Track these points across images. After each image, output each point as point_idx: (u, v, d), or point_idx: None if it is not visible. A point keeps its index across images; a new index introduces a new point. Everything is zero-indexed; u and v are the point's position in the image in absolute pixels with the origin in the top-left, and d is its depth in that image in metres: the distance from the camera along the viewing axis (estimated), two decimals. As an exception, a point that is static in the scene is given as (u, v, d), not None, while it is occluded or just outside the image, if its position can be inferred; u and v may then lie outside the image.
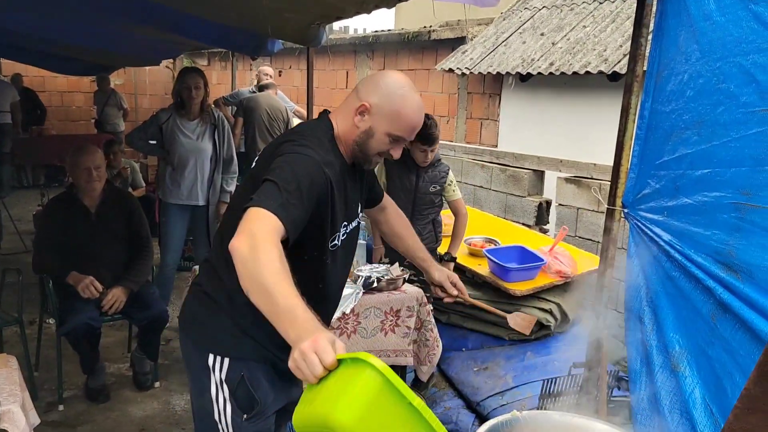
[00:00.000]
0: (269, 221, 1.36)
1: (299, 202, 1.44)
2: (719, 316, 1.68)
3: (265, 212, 1.36)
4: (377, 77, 1.67)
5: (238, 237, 1.33)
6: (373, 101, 1.61)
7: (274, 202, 1.39)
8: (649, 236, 2.06)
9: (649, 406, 1.94)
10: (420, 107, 1.66)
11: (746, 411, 0.87)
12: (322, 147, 1.60)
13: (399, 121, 1.62)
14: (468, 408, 3.50)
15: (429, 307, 3.08)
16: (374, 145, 1.65)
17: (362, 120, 1.63)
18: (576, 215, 4.59)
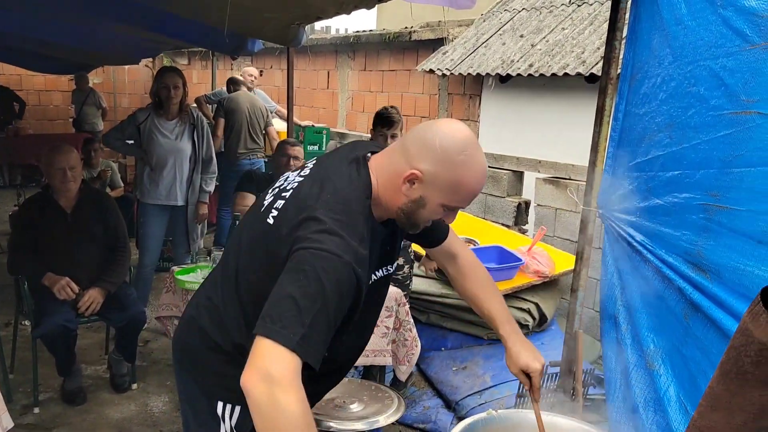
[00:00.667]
0: (289, 362, 1.17)
1: (325, 327, 1.24)
2: (691, 315, 1.71)
3: (283, 351, 1.17)
4: (431, 135, 1.33)
5: (251, 374, 1.17)
6: (425, 169, 1.32)
7: (294, 334, 1.18)
8: (623, 237, 2.10)
9: (624, 403, 1.97)
10: (483, 171, 1.36)
11: (710, 408, 0.89)
12: (356, 230, 1.31)
13: (458, 192, 1.34)
14: (447, 407, 3.53)
15: (407, 307, 3.09)
16: (425, 215, 1.39)
17: (411, 189, 1.35)
18: (554, 215, 4.63)
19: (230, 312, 1.46)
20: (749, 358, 0.81)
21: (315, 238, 1.26)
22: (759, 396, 0.81)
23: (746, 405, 0.83)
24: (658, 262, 1.86)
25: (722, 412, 0.86)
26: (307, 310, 1.20)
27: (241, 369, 1.23)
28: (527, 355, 1.62)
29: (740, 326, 0.84)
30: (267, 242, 1.38)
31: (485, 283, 1.75)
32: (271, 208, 1.42)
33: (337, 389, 2.76)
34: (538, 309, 3.85)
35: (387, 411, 2.60)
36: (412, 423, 3.40)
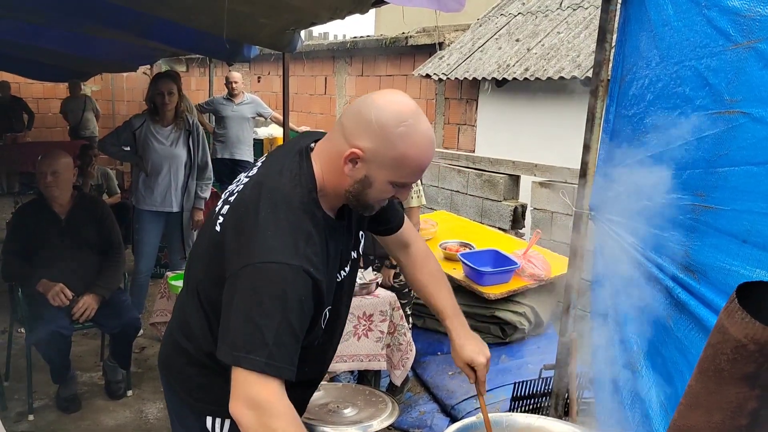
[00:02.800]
0: (266, 385, 1.16)
1: (291, 339, 1.20)
2: (675, 316, 1.70)
3: (255, 376, 1.16)
4: (366, 110, 1.26)
5: (236, 404, 1.18)
6: (365, 146, 1.24)
7: (260, 356, 1.16)
8: (614, 238, 2.09)
9: (612, 405, 1.97)
10: (429, 140, 1.27)
11: (689, 407, 0.88)
12: (301, 229, 1.25)
13: (404, 167, 1.26)
14: (443, 412, 3.51)
15: (402, 312, 3.09)
16: (373, 195, 1.32)
17: (354, 169, 1.27)
18: (550, 219, 4.63)
19: (196, 322, 1.42)
20: (725, 356, 0.81)
21: (258, 249, 1.21)
22: (735, 394, 0.81)
23: (724, 403, 0.82)
24: (647, 262, 1.86)
25: (701, 411, 0.86)
26: (268, 328, 1.17)
27: (221, 378, 1.23)
28: (472, 349, 1.60)
29: (717, 324, 0.84)
30: (216, 251, 1.32)
31: (435, 274, 1.71)
32: (219, 214, 1.37)
33: (331, 394, 2.75)
34: (533, 312, 3.85)
35: (381, 415, 2.59)
36: (408, 428, 3.39)
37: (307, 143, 1.39)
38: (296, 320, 1.21)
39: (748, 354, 0.78)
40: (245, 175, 1.44)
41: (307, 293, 1.23)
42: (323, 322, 1.38)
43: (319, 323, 1.36)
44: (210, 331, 1.39)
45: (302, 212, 1.27)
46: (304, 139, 1.42)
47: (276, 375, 1.17)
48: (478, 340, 1.64)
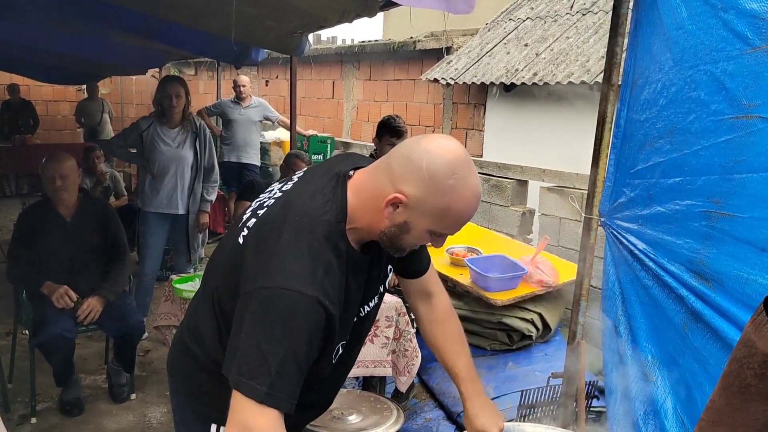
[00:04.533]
0: (264, 415, 1.13)
1: (295, 370, 1.16)
2: (691, 325, 1.66)
3: (254, 405, 1.13)
4: (418, 155, 1.19)
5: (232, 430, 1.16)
6: (411, 193, 1.19)
7: (261, 384, 1.13)
8: (625, 245, 2.05)
9: (625, 416, 1.92)
10: (476, 195, 1.23)
11: (711, 423, 0.85)
12: (321, 258, 1.20)
13: (447, 218, 1.22)
14: (448, 419, 3.47)
15: (408, 317, 3.05)
16: (409, 240, 1.27)
17: (395, 213, 1.22)
18: (558, 225, 4.59)
19: (208, 328, 1.39)
20: (752, 371, 0.77)
21: (275, 273, 1.17)
22: (763, 411, 0.77)
23: (749, 420, 0.79)
24: (660, 271, 1.82)
25: (724, 428, 0.82)
26: (273, 356, 1.14)
27: (228, 387, 1.19)
28: (486, 420, 1.52)
29: (742, 337, 0.80)
30: (235, 263, 1.28)
31: (456, 334, 1.63)
32: (245, 226, 1.33)
33: (336, 400, 2.71)
34: (541, 319, 3.80)
35: (386, 423, 2.56)
36: (414, 435, 3.35)
37: (346, 169, 1.32)
38: (303, 352, 1.17)
39: (776, 369, 0.74)
40: (279, 187, 1.40)
41: (318, 326, 1.19)
42: (335, 357, 1.33)
43: (329, 358, 1.32)
44: (220, 339, 1.36)
45: (326, 241, 1.22)
46: (345, 162, 1.37)
47: (274, 406, 1.14)
48: (494, 409, 1.57)
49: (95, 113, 9.44)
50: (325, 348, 1.26)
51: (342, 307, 1.25)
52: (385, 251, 1.36)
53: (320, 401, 1.54)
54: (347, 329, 1.34)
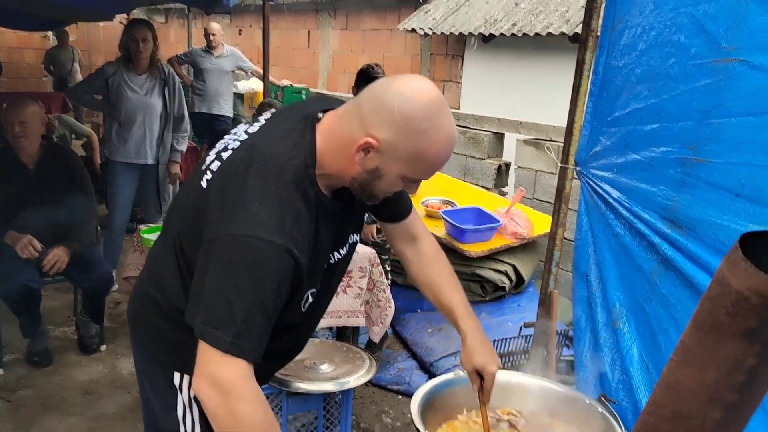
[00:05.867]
0: (232, 365, 1.10)
1: (262, 320, 1.13)
2: (660, 272, 1.66)
3: (220, 355, 1.09)
4: (390, 97, 1.14)
5: (200, 381, 1.12)
6: (383, 137, 1.14)
7: (226, 334, 1.09)
8: (599, 194, 2.03)
9: (592, 363, 1.94)
10: (452, 138, 1.18)
11: (680, 363, 0.83)
12: (290, 206, 1.15)
13: (420, 163, 1.17)
14: (421, 369, 3.50)
15: (381, 268, 3.03)
16: (381, 187, 1.22)
17: (366, 158, 1.17)
18: (534, 177, 4.58)
19: (170, 275, 1.33)
20: (725, 309, 0.75)
21: (241, 219, 1.12)
22: (734, 350, 0.75)
23: (720, 360, 0.77)
24: (633, 218, 1.81)
25: (694, 367, 0.80)
26: (239, 306, 1.10)
27: (191, 336, 1.15)
28: (485, 356, 1.47)
29: (716, 276, 0.78)
30: (198, 208, 1.22)
31: (448, 272, 1.57)
32: (208, 168, 1.26)
33: (308, 350, 2.70)
34: (515, 271, 3.82)
35: (358, 372, 2.56)
36: (387, 384, 3.37)
37: (315, 111, 1.26)
38: (271, 302, 1.13)
39: (750, 308, 0.72)
40: (245, 129, 1.32)
41: (286, 275, 1.14)
42: (304, 305, 1.30)
43: (299, 306, 1.28)
44: (183, 286, 1.30)
45: (294, 187, 1.16)
46: (314, 104, 1.30)
47: (240, 356, 1.11)
48: (491, 348, 1.52)
49: (65, 62, 9.06)
50: (293, 297, 1.22)
51: (311, 256, 1.21)
52: (356, 199, 1.31)
53: (290, 349, 1.51)
54: (317, 278, 1.30)
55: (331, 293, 1.49)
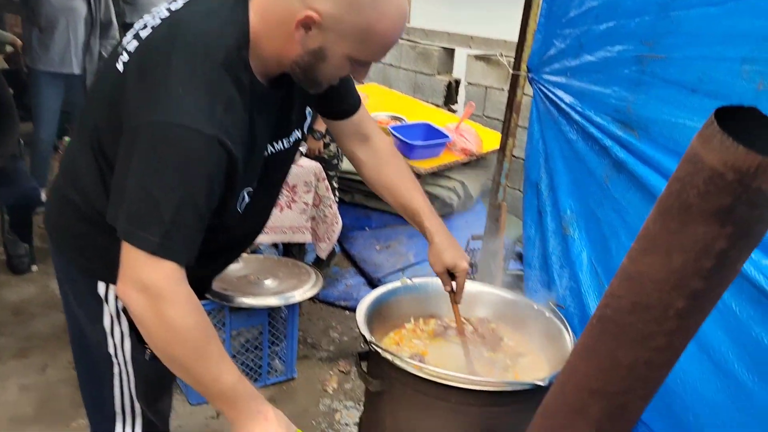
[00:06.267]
0: (161, 268, 1.00)
1: (194, 219, 1.02)
2: (612, 176, 1.62)
3: (148, 257, 0.99)
4: None
5: (125, 286, 1.01)
6: (325, 10, 1.00)
7: (153, 234, 0.98)
8: (551, 100, 1.96)
9: (540, 272, 1.92)
10: (403, 13, 1.06)
11: (643, 251, 0.77)
12: (221, 91, 1.02)
13: (368, 41, 1.05)
14: (369, 285, 3.48)
15: (327, 183, 2.93)
16: (326, 70, 1.10)
17: (307, 36, 1.04)
18: (484, 94, 4.49)
19: (88, 175, 1.19)
20: (695, 189, 0.69)
21: (165, 105, 0.99)
22: (703, 233, 0.69)
23: (687, 244, 0.71)
24: (585, 123, 1.74)
25: (658, 255, 0.75)
26: (167, 203, 0.99)
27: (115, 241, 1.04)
28: (454, 253, 1.42)
29: (687, 155, 0.71)
30: (115, 95, 1.08)
31: (406, 171, 1.47)
32: (124, 49, 1.11)
33: (252, 265, 2.62)
34: (463, 188, 3.78)
35: (304, 286, 2.50)
36: (334, 300, 3.35)
37: None
38: (202, 199, 1.02)
39: (724, 185, 0.66)
40: (167, 6, 1.14)
41: (219, 170, 1.03)
42: (240, 204, 1.18)
43: (234, 206, 1.17)
44: (104, 187, 1.16)
45: (225, 71, 1.03)
46: None
47: (170, 258, 1.01)
48: (459, 245, 1.46)
49: None
50: (228, 194, 1.11)
51: (246, 150, 1.09)
52: (297, 88, 1.18)
53: (226, 254, 1.40)
54: (253, 174, 1.19)
55: (271, 195, 1.37)
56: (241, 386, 1.04)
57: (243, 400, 1.03)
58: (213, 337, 1.05)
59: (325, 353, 2.89)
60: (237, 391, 1.03)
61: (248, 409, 1.04)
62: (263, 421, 1.03)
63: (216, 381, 1.03)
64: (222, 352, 1.04)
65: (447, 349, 1.50)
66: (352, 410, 2.48)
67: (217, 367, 1.03)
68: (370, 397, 1.42)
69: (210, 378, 1.03)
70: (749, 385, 1.08)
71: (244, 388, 1.04)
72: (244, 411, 1.03)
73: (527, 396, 1.27)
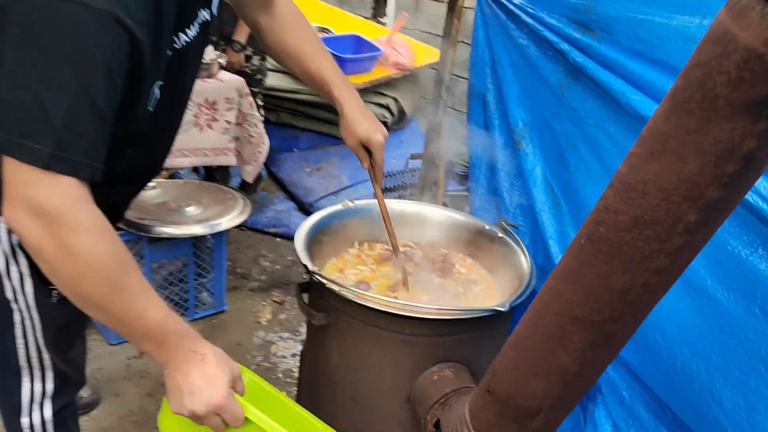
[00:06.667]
0: (59, 185, 0.80)
1: (93, 121, 0.82)
2: (569, 83, 1.49)
3: (39, 175, 0.79)
4: None
5: (13, 209, 0.81)
6: None
7: (42, 144, 0.78)
8: (499, 2, 1.79)
9: (488, 190, 1.81)
10: None
11: (648, 157, 0.64)
12: None
13: None
14: (301, 210, 3.32)
15: (251, 99, 2.68)
16: None
17: None
18: (416, 5, 4.24)
19: None
20: (725, 76, 0.55)
21: None
22: (730, 130, 0.57)
23: (707, 145, 0.58)
24: (538, 26, 1.59)
25: (669, 159, 0.62)
26: (56, 103, 0.79)
27: None
28: (368, 125, 1.28)
29: (711, 34, 0.57)
30: None
31: (312, 36, 1.31)
32: None
33: (170, 191, 2.39)
34: (397, 105, 3.61)
35: (230, 213, 2.31)
36: (263, 228, 3.17)
37: None
38: (102, 95, 0.82)
39: (763, 69, 0.52)
40: None
41: (119, 57, 0.83)
42: (150, 103, 0.97)
43: (143, 103, 0.95)
44: None
45: None
46: None
47: (68, 172, 0.81)
48: (374, 116, 1.32)
49: None
50: (135, 88, 0.90)
51: (152, 33, 0.88)
52: None
53: (139, 170, 1.17)
54: (161, 66, 0.96)
55: (183, 93, 1.14)
56: (171, 323, 0.87)
57: (174, 338, 0.87)
58: (131, 266, 0.86)
59: (257, 283, 2.73)
60: (166, 328, 0.86)
61: (181, 348, 0.87)
62: (200, 361, 0.87)
63: (140, 319, 0.85)
64: (144, 284, 0.86)
65: (396, 276, 1.38)
66: (288, 341, 2.37)
67: (139, 303, 0.85)
68: (314, 332, 1.28)
69: (132, 316, 0.85)
70: (723, 301, 1.01)
71: (174, 324, 0.87)
72: (177, 352, 0.87)
73: (485, 323, 1.17)
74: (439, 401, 1.11)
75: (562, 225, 1.48)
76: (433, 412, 1.11)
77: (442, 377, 1.15)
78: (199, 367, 0.87)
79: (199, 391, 0.85)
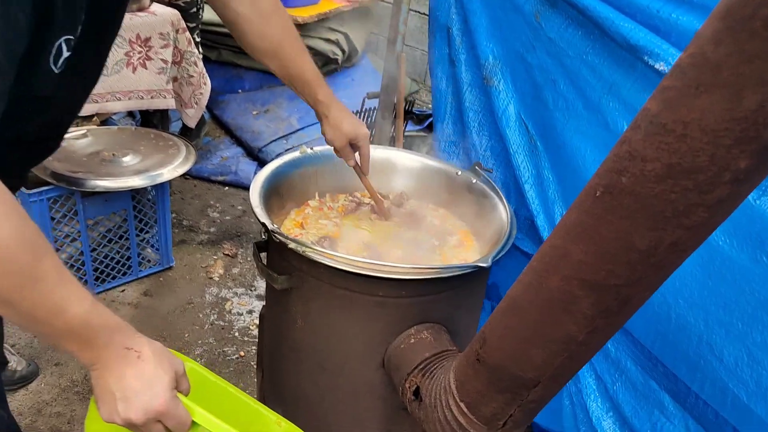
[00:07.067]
0: None
1: None
2: (545, 12, 1.36)
3: None
4: None
5: None
6: None
7: None
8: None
9: (455, 131, 1.68)
10: None
11: (693, 90, 0.52)
12: None
13: None
14: (249, 156, 3.13)
15: (189, 35, 2.44)
16: None
17: None
18: (363, -67, 3.97)
19: None
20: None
21: None
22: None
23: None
24: (510, -53, 1.44)
25: (719, 94, 0.50)
26: None
27: None
28: (352, 121, 1.25)
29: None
30: None
31: (292, 31, 1.22)
32: None
33: (103, 139, 2.17)
34: (347, 40, 3.40)
35: (173, 162, 2.11)
36: (210, 176, 2.98)
37: None
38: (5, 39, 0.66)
39: None
40: None
41: None
42: (56, 61, 0.79)
43: (48, 63, 0.78)
44: None
45: None
46: None
47: None
48: (352, 113, 1.28)
49: None
50: (39, 42, 0.73)
51: None
52: None
53: (43, 135, 1.00)
54: (72, 15, 0.79)
55: (100, 52, 0.96)
56: (97, 316, 0.71)
57: (102, 335, 0.71)
58: (45, 250, 0.69)
59: (206, 236, 2.57)
60: (92, 323, 0.70)
61: (112, 346, 0.72)
62: (136, 360, 0.72)
63: (59, 314, 0.69)
64: (62, 272, 0.70)
65: (361, 231, 1.25)
66: (243, 297, 2.23)
67: (57, 295, 0.68)
68: (275, 295, 1.15)
69: (48, 311, 0.68)
70: (725, 249, 0.94)
71: (101, 317, 0.72)
72: (107, 350, 0.72)
73: (464, 280, 1.07)
74: (418, 367, 1.01)
75: (539, 168, 1.38)
76: (412, 378, 1.01)
77: (420, 340, 1.05)
78: (135, 367, 0.72)
79: (136, 395, 0.71)
